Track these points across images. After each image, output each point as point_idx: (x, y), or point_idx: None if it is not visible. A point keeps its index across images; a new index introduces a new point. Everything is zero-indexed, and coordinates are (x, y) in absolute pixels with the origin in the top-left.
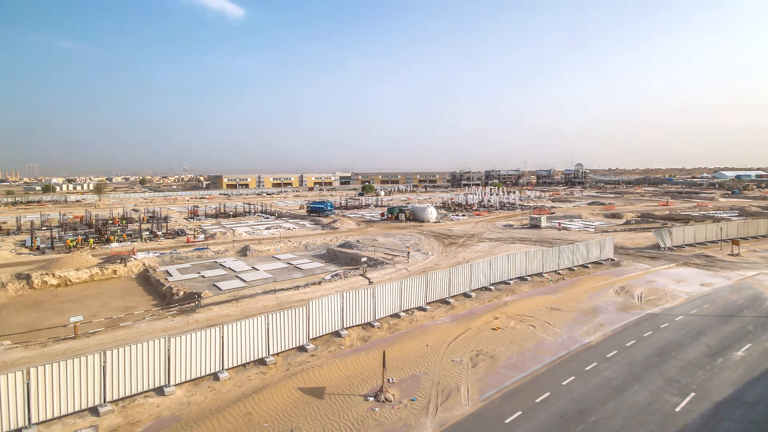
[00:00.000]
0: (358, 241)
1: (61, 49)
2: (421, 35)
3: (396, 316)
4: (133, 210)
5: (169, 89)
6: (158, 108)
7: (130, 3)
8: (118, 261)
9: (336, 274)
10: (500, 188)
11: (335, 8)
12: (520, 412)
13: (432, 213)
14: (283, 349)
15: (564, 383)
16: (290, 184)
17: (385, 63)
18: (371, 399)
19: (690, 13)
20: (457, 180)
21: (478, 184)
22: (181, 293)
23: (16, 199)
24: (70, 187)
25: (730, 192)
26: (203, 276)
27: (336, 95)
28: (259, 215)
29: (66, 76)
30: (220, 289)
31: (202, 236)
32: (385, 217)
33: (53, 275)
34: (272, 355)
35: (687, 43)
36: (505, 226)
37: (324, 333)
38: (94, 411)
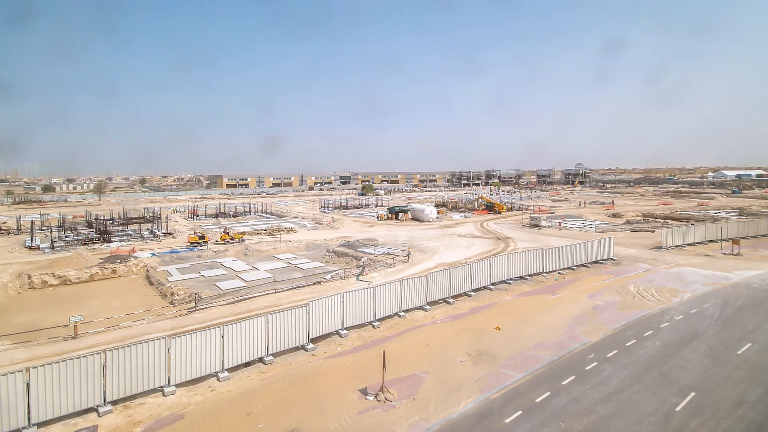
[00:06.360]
0: (358, 241)
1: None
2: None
3: (396, 316)
4: (133, 209)
5: (170, 89)
6: (159, 108)
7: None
8: (118, 261)
9: (336, 274)
10: (500, 188)
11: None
12: (520, 412)
13: (432, 213)
14: (283, 349)
15: (564, 383)
16: (290, 184)
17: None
18: (371, 399)
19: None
20: (457, 180)
21: (478, 184)
22: (181, 293)
23: (17, 198)
24: (70, 186)
25: (730, 191)
26: (203, 276)
27: (339, 97)
28: (259, 215)
29: (66, 76)
30: (221, 289)
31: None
32: (386, 217)
33: (53, 275)
34: (272, 354)
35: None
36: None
37: (324, 333)
38: (94, 411)
